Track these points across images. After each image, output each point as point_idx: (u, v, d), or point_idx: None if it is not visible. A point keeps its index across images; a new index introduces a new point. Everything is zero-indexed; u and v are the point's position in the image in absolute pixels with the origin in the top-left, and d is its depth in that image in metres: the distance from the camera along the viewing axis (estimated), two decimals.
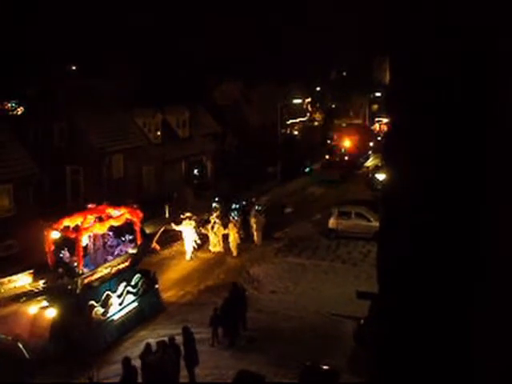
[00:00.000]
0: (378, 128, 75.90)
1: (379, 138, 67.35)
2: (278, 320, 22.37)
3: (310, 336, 20.76)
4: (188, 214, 29.79)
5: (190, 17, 62.59)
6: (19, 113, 46.60)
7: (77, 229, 20.22)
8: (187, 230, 29.43)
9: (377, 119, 78.31)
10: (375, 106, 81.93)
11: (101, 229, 21.26)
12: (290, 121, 66.74)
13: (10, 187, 29.77)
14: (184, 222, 29.47)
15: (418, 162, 3.94)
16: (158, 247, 26.08)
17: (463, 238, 3.77)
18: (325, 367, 16.32)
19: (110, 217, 21.90)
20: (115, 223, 22.02)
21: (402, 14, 4.01)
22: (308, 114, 73.63)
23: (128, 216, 22.58)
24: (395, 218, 4.16)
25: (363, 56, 79.68)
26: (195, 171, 45.80)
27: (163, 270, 27.66)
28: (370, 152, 63.14)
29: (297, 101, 67.66)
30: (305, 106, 73.26)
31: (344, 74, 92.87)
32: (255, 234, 32.05)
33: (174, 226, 29.44)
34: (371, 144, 64.73)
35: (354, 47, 77.82)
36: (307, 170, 53.55)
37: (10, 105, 50.03)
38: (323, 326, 21.77)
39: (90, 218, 21.08)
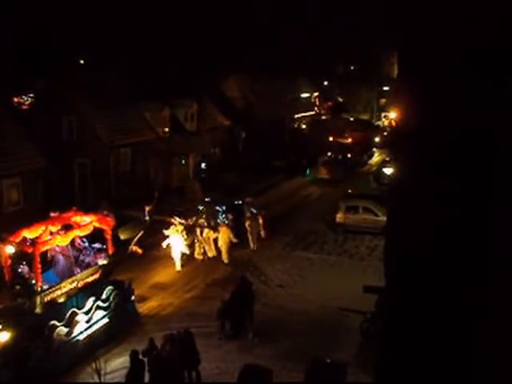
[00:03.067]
0: (384, 123, 75.23)
1: (385, 134, 66.45)
2: (284, 314, 22.41)
3: (316, 330, 20.79)
4: (178, 220, 27.78)
5: (199, 10, 62.53)
6: (28, 102, 46.44)
7: (34, 242, 18.05)
8: (174, 238, 27.19)
9: (383, 114, 77.80)
10: (383, 100, 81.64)
11: (63, 241, 19.14)
12: (298, 115, 66.60)
13: (18, 181, 29.87)
14: (171, 228, 27.27)
15: (425, 157, 3.95)
16: (139, 251, 23.49)
17: (471, 233, 3.78)
18: (332, 361, 16.36)
19: (78, 225, 19.87)
20: (81, 233, 19.97)
21: (412, 11, 4.02)
22: (316, 108, 73.48)
23: (96, 224, 20.42)
24: (402, 213, 4.17)
25: (371, 50, 79.41)
26: (203, 165, 45.79)
27: (171, 264, 27.68)
28: (375, 149, 61.03)
29: (304, 95, 67.54)
30: (312, 100, 73.15)
31: (352, 67, 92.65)
32: (250, 238, 30.11)
33: (163, 245, 27.25)
34: (377, 139, 63.10)
35: (362, 41, 77.53)
36: (307, 172, 50.33)
37: (24, 98, 49.75)
38: (330, 320, 21.80)
39: (52, 228, 19.01)
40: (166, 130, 42.25)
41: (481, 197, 3.74)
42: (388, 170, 41.63)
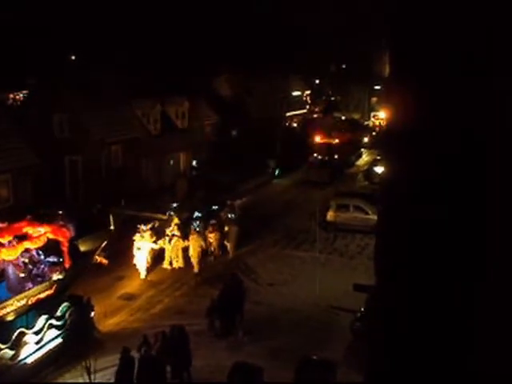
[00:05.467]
0: (373, 123, 74.91)
1: (374, 133, 65.84)
2: (275, 312, 22.42)
3: (307, 328, 20.82)
4: (142, 227, 26.22)
5: (193, 7, 62.42)
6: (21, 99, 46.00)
7: None
8: (141, 245, 25.91)
9: (373, 113, 77.57)
10: (374, 99, 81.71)
11: (9, 254, 17.16)
12: (290, 113, 66.60)
13: (8, 177, 29.75)
14: (136, 236, 25.96)
15: (416, 154, 3.95)
16: (104, 261, 21.77)
17: (462, 231, 3.78)
18: (321, 359, 16.39)
19: (31, 237, 18.03)
20: (31, 246, 17.98)
21: (404, 9, 4.01)
22: (308, 107, 73.52)
23: (50, 236, 18.51)
24: (394, 212, 4.17)
25: (363, 48, 79.37)
26: (194, 162, 45.75)
27: (160, 262, 27.60)
28: (363, 149, 59.89)
29: (296, 93, 67.50)
30: (304, 99, 73.18)
31: (343, 66, 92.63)
32: (228, 245, 28.89)
33: (134, 252, 25.91)
34: (366, 139, 62.18)
35: (353, 40, 77.49)
36: (276, 172, 48.48)
37: (20, 94, 49.16)
38: (320, 318, 21.83)
39: (1, 240, 17.23)
40: (158, 127, 42.20)
41: (477, 196, 3.74)
42: (379, 169, 41.70)
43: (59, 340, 18.71)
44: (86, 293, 20.83)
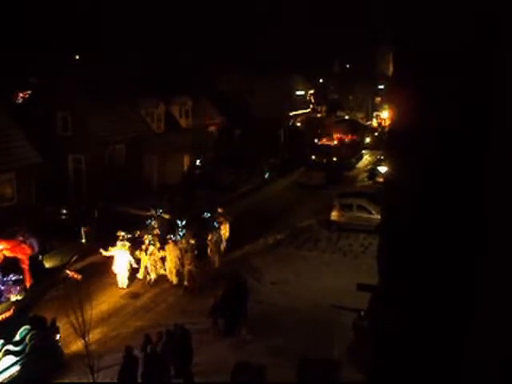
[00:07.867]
0: (376, 123, 74.35)
1: (376, 134, 64.92)
2: (278, 311, 22.42)
3: (310, 327, 20.81)
4: (122, 233, 24.92)
5: (195, 5, 62.44)
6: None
7: None
8: (120, 253, 24.64)
9: (375, 113, 77.14)
10: (378, 99, 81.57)
11: None
12: (294, 112, 66.47)
13: (12, 176, 29.77)
14: (118, 244, 24.64)
15: (418, 154, 3.96)
16: (76, 276, 19.78)
17: (463, 231, 3.79)
18: (324, 358, 16.40)
19: None
20: None
21: (408, 8, 4.02)
22: (311, 106, 73.38)
23: (7, 253, 17.10)
24: (397, 212, 4.18)
25: (367, 48, 79.25)
26: (197, 162, 45.74)
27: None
28: (365, 151, 58.45)
29: (300, 92, 67.36)
30: (308, 98, 73.05)
31: (347, 66, 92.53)
32: (211, 254, 27.19)
33: (103, 253, 24.71)
34: (367, 140, 61.28)
35: (357, 39, 77.38)
36: (266, 175, 46.88)
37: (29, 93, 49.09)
38: (323, 317, 21.81)
39: None
40: (161, 126, 42.22)
41: (477, 195, 3.75)
42: (382, 169, 41.71)
43: (17, 367, 16.82)
44: (89, 292, 20.80)
